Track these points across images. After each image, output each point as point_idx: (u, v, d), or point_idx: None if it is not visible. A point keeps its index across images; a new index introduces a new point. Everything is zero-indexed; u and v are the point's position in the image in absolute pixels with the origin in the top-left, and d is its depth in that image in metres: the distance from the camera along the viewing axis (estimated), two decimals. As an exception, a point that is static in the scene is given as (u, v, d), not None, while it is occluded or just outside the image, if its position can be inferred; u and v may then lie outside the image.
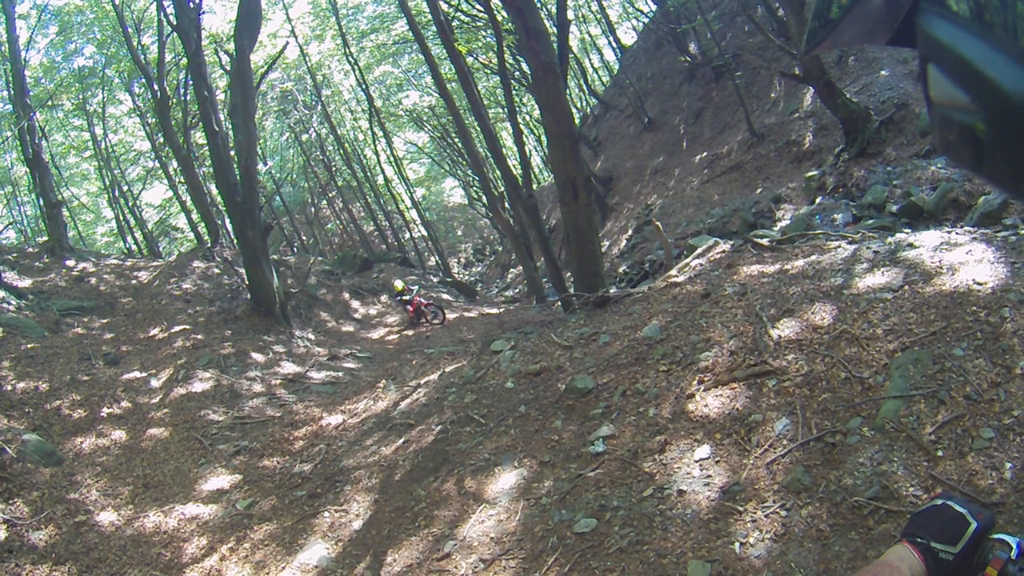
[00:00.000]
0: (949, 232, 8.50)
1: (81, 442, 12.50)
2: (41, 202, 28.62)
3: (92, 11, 34.08)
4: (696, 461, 6.43)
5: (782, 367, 6.94)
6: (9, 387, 13.80)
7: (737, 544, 5.30)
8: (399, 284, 24.85)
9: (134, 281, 23.65)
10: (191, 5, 20.03)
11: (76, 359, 15.92)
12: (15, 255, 24.33)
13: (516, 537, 6.78)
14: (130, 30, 30.36)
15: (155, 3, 27.85)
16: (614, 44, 47.45)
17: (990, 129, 0.76)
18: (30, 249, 26.58)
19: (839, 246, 9.46)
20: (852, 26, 0.88)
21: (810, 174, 20.51)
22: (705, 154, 28.58)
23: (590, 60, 53.24)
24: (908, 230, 10.89)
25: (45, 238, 28.51)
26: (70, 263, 24.23)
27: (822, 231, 12.43)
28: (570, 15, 16.55)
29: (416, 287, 26.42)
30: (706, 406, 7.08)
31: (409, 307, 23.83)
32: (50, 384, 14.26)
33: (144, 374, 15.61)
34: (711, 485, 6.05)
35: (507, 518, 7.14)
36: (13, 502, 10.24)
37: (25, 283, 21.24)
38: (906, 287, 7.12)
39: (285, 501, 10.10)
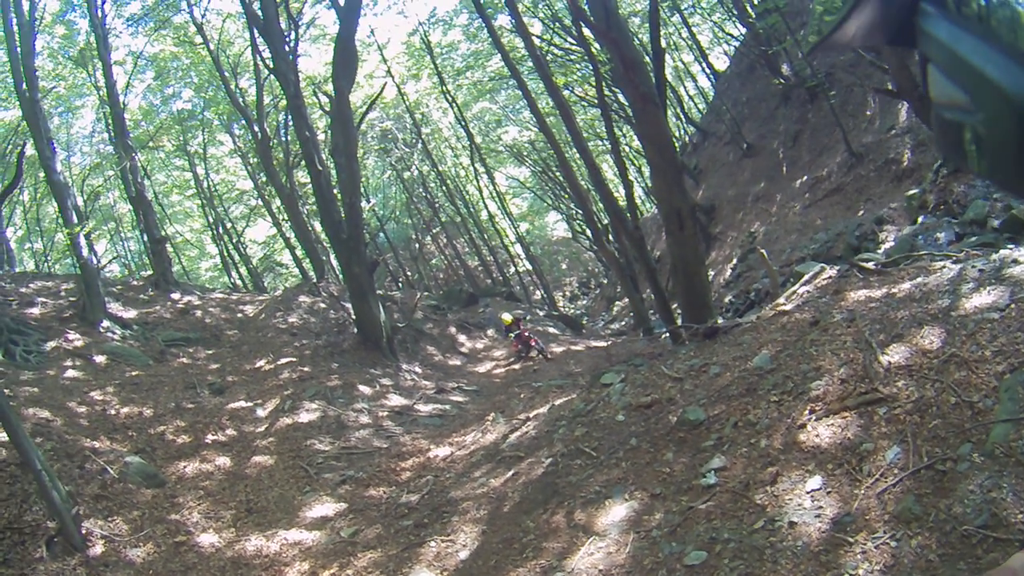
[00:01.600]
0: (1053, 246, 8.36)
1: (184, 466, 12.87)
2: (145, 238, 29.53)
3: (187, 57, 35.20)
4: (807, 492, 6.40)
5: (892, 394, 6.87)
6: (113, 411, 14.24)
7: (847, 575, 5.28)
8: (507, 317, 24.79)
9: (239, 314, 24.21)
10: (286, 49, 20.59)
11: (181, 387, 16.41)
12: (120, 287, 25.16)
13: (625, 569, 6.80)
14: (227, 74, 31.32)
15: (250, 48, 28.66)
16: (707, 70, 47.17)
17: (990, 129, 0.82)
18: (135, 282, 27.53)
19: (944, 266, 9.32)
20: (853, 26, 0.93)
21: (911, 193, 20.11)
22: (805, 178, 28.19)
23: (685, 88, 52.95)
24: (1012, 245, 10.67)
25: (149, 272, 29.32)
26: (175, 296, 24.95)
27: (926, 251, 12.25)
28: (662, 43, 16.56)
29: (526, 319, 26.44)
30: (817, 436, 7.03)
31: (515, 341, 23.83)
32: (154, 410, 14.70)
33: (250, 403, 15.99)
34: (822, 516, 6.02)
35: (616, 550, 7.17)
36: (112, 519, 10.59)
37: (130, 314, 21.92)
38: (1013, 305, 7.00)
39: (390, 530, 10.21)
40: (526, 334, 23.74)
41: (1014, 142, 0.79)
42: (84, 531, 9.87)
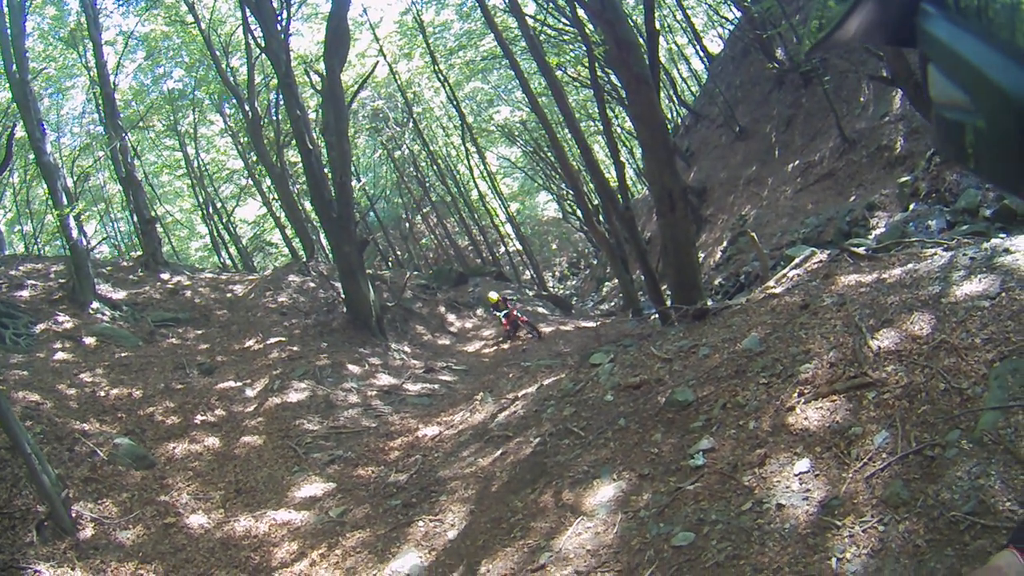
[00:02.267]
0: (1044, 236, 8.38)
1: (174, 447, 12.89)
2: (135, 218, 29.55)
3: (179, 36, 35.10)
4: (795, 475, 6.41)
5: (882, 379, 6.88)
6: (102, 393, 14.28)
7: (834, 559, 5.27)
8: (494, 296, 24.85)
9: (229, 294, 24.23)
10: (278, 28, 20.49)
11: (170, 368, 16.44)
12: (109, 268, 25.09)
13: (613, 550, 6.83)
14: (218, 53, 31.22)
15: (242, 27, 28.53)
16: (701, 53, 47.14)
17: (989, 128, 0.82)
18: (124, 263, 27.49)
19: (935, 253, 9.35)
20: (853, 25, 0.92)
21: (903, 180, 20.15)
22: (797, 162, 28.21)
23: (678, 70, 52.95)
24: (1003, 235, 10.70)
25: (139, 252, 29.31)
26: (165, 276, 24.96)
27: (917, 238, 12.30)
28: (656, 25, 16.52)
29: (514, 298, 26.49)
30: (806, 419, 7.05)
31: (504, 320, 23.92)
32: (144, 391, 14.74)
33: (239, 384, 16.01)
34: (810, 499, 6.03)
35: (604, 531, 7.19)
36: (102, 502, 10.60)
37: (120, 295, 21.91)
38: (1003, 294, 7.00)
39: (379, 510, 10.28)
40: (515, 312, 23.80)
41: (1014, 142, 0.79)
42: (74, 514, 9.86)
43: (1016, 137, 0.78)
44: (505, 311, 23.71)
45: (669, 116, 48.60)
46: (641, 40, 16.88)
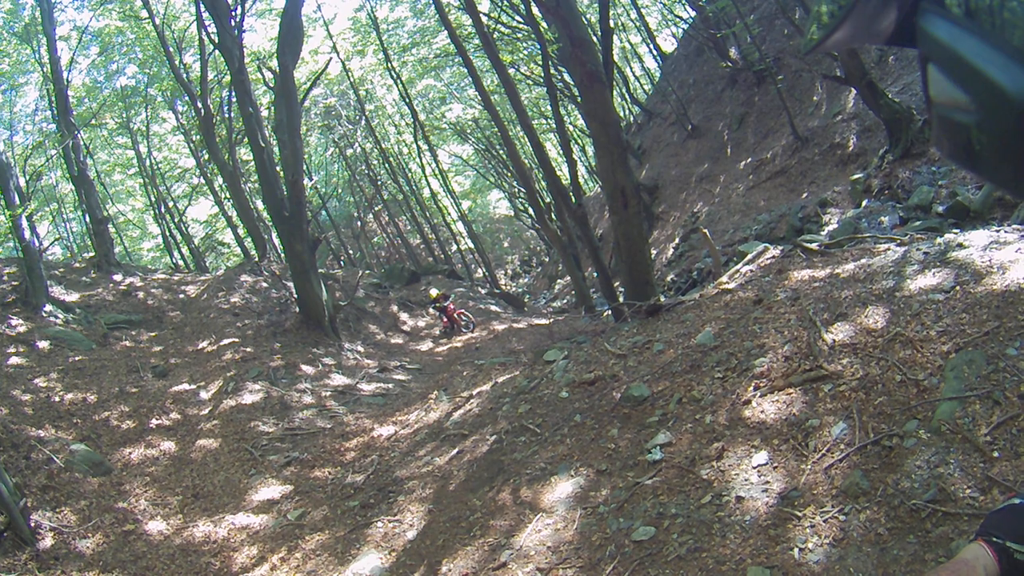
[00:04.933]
0: (997, 231, 8.44)
1: (130, 453, 12.80)
2: (87, 218, 29.11)
3: (132, 32, 34.44)
4: (754, 467, 6.43)
5: (837, 371, 6.93)
6: (57, 398, 14.15)
7: (796, 550, 5.30)
8: (434, 292, 25.87)
9: (182, 295, 24.00)
10: (232, 24, 20.27)
11: (124, 371, 16.29)
12: (62, 270, 24.72)
13: (573, 546, 6.81)
14: (171, 49, 30.68)
15: (196, 22, 28.21)
16: (654, 52, 47.36)
17: (988, 127, 0.80)
18: (76, 264, 27.01)
19: (888, 249, 9.44)
20: (853, 25, 0.90)
21: (855, 177, 20.33)
22: (750, 160, 28.42)
23: (631, 68, 53.14)
24: (956, 230, 10.81)
25: (91, 253, 28.90)
26: (117, 278, 24.63)
27: (870, 234, 12.39)
28: (611, 23, 16.57)
29: (451, 296, 26.67)
30: (763, 412, 7.08)
31: (444, 317, 24.61)
32: (98, 396, 14.62)
33: (193, 386, 15.89)
34: (769, 491, 6.06)
35: (564, 527, 7.17)
36: (60, 510, 10.47)
37: (72, 297, 21.62)
38: (957, 288, 7.09)
39: (337, 511, 10.18)
40: (451, 307, 24.53)
41: (1014, 142, 0.78)
42: (32, 524, 9.68)
43: (1016, 137, 0.78)
44: (442, 307, 24.44)
45: (622, 114, 48.77)
46: (595, 38, 16.94)
